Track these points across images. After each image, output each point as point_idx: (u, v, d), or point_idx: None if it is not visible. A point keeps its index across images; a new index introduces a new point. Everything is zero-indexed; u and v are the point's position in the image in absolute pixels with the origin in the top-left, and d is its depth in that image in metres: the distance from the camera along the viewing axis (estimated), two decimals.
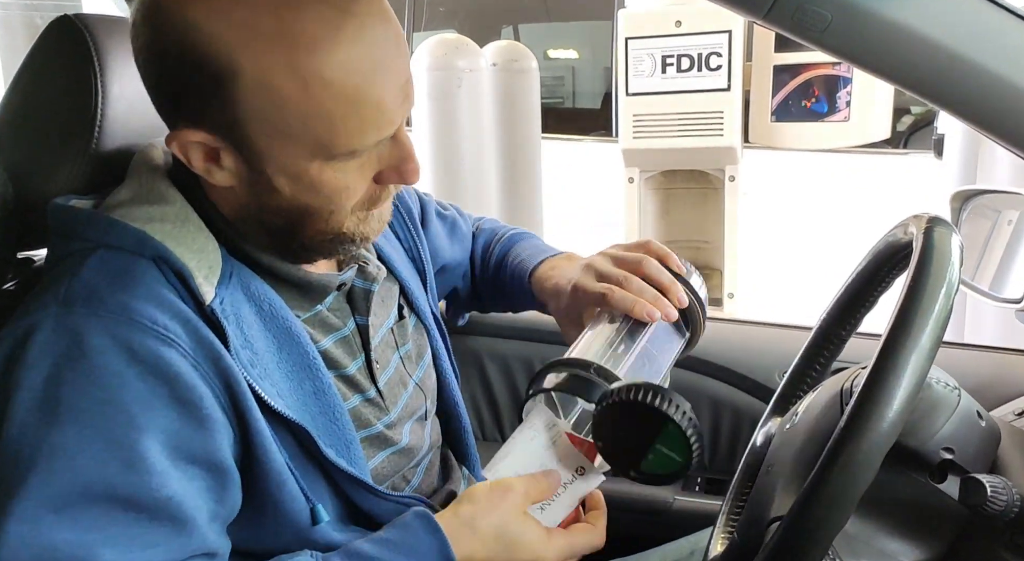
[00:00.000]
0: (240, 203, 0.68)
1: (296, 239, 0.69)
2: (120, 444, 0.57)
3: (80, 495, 0.56)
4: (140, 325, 0.59)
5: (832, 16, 0.79)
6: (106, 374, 0.58)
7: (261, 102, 0.60)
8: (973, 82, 0.79)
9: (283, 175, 0.64)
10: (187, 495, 0.60)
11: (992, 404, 1.05)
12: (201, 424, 0.61)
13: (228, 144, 0.63)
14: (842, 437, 0.53)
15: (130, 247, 0.63)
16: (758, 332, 1.34)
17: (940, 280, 0.56)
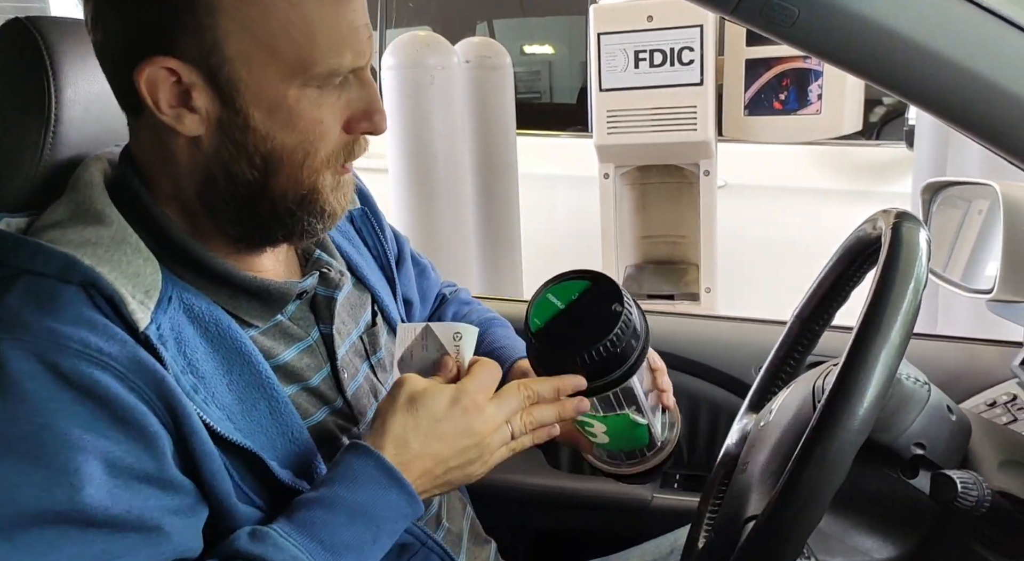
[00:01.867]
0: (203, 174, 0.65)
1: (266, 199, 0.65)
2: (64, 469, 0.54)
3: (31, 522, 0.53)
4: (70, 349, 0.56)
5: (799, 11, 0.79)
6: (39, 399, 0.54)
7: (244, 10, 0.59)
8: (939, 75, 0.79)
9: (259, 107, 0.62)
10: (145, 509, 0.57)
11: (963, 395, 1.06)
12: (148, 444, 0.58)
13: (202, 75, 0.61)
14: (814, 435, 0.53)
15: (56, 273, 0.59)
16: (733, 328, 1.34)
17: (908, 276, 0.57)
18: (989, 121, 0.81)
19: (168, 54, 0.60)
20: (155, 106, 0.61)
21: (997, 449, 0.66)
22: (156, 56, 0.60)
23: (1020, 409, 0.95)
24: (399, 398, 0.67)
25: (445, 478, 0.68)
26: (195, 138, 0.63)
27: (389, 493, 0.64)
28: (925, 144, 2.15)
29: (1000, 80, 0.78)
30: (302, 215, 0.67)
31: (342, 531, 0.62)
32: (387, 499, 0.64)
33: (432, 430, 0.66)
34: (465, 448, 0.67)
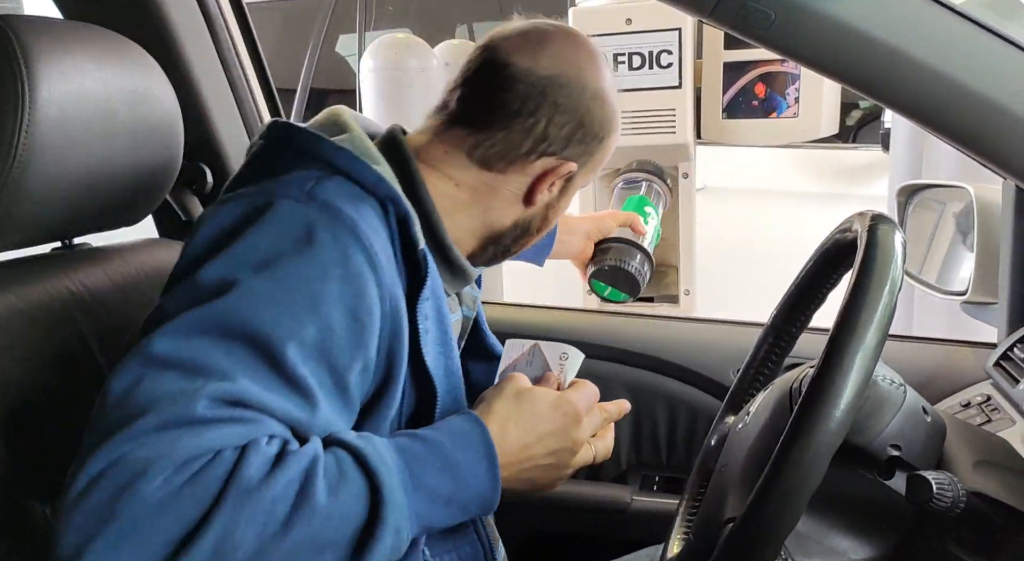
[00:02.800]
0: (501, 217, 0.83)
1: (522, 244, 0.87)
2: (296, 317, 0.61)
3: (242, 337, 0.59)
4: (361, 243, 0.65)
5: (775, 14, 0.79)
6: (320, 265, 0.63)
7: (608, 145, 0.85)
8: (913, 78, 0.80)
9: (567, 201, 0.88)
10: (315, 389, 0.62)
11: (938, 396, 1.07)
12: (360, 349, 0.65)
13: (571, 175, 0.83)
14: (791, 437, 0.53)
15: (369, 184, 0.70)
16: (712, 330, 1.35)
17: (884, 278, 0.57)
18: (961, 124, 0.82)
19: (575, 160, 0.82)
20: (540, 182, 0.81)
21: (971, 450, 0.67)
22: (568, 162, 0.81)
23: (994, 410, 0.96)
24: (507, 390, 0.73)
25: (527, 476, 0.72)
26: (530, 203, 0.82)
27: (480, 465, 0.67)
28: (900, 147, 2.17)
29: (972, 83, 0.79)
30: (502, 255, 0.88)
31: (429, 473, 0.65)
32: (477, 470, 0.67)
33: (531, 425, 0.71)
34: (556, 451, 0.72)
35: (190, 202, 1.12)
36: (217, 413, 0.56)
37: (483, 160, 0.79)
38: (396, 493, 0.61)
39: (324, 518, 0.57)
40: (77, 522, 0.52)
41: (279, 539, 0.55)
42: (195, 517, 0.53)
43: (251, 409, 0.58)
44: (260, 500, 0.55)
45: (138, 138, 0.85)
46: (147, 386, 0.57)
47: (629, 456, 1.30)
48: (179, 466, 0.54)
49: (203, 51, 1.16)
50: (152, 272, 0.92)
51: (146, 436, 0.54)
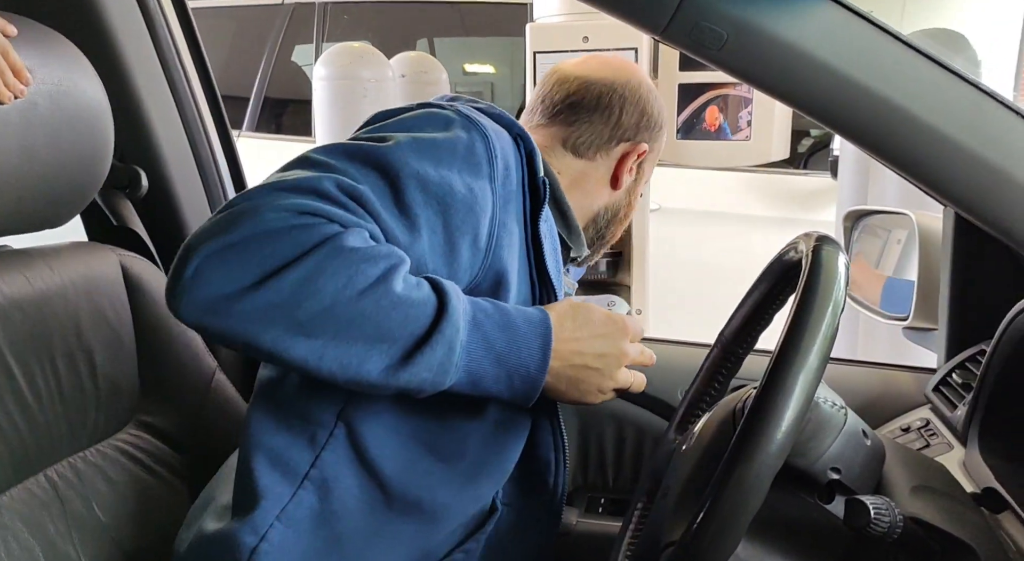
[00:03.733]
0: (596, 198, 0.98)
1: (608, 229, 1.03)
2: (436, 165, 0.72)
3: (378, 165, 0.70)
4: (488, 144, 0.76)
5: (728, 35, 0.79)
6: (449, 143, 0.74)
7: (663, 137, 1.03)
8: (860, 104, 0.81)
9: (640, 185, 1.03)
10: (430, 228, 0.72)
11: (879, 420, 1.08)
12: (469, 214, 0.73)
13: (639, 166, 1.00)
14: (732, 459, 0.53)
15: (505, 124, 0.82)
16: (661, 350, 1.33)
17: (827, 300, 0.57)
18: (905, 150, 0.83)
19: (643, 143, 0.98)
20: (622, 164, 0.97)
21: (909, 474, 0.67)
22: (645, 144, 0.98)
23: (932, 435, 0.97)
24: (566, 301, 0.80)
25: (573, 374, 0.76)
26: (616, 187, 0.98)
27: (536, 340, 0.73)
28: (848, 174, 2.21)
29: (917, 111, 0.80)
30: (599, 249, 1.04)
31: (490, 324, 0.71)
32: (531, 341, 0.72)
33: (585, 325, 0.76)
34: (604, 355, 0.77)
35: (122, 206, 1.07)
36: (338, 195, 0.66)
37: (575, 149, 0.95)
38: (457, 315, 0.67)
39: (392, 305, 0.64)
40: (204, 228, 0.63)
41: (351, 304, 0.63)
42: (292, 254, 0.62)
43: (365, 209, 0.67)
44: (349, 261, 0.63)
45: (60, 133, 0.81)
46: (293, 172, 0.68)
47: (575, 478, 1.29)
48: (298, 214, 0.63)
49: (141, 51, 1.13)
50: (78, 278, 0.87)
51: (278, 192, 0.65)
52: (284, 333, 0.62)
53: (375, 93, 2.04)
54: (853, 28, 0.80)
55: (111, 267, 0.93)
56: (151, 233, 1.10)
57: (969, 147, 0.81)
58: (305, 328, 0.62)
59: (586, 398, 0.78)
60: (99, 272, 0.91)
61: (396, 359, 0.65)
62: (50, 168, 0.81)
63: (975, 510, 0.68)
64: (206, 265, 0.61)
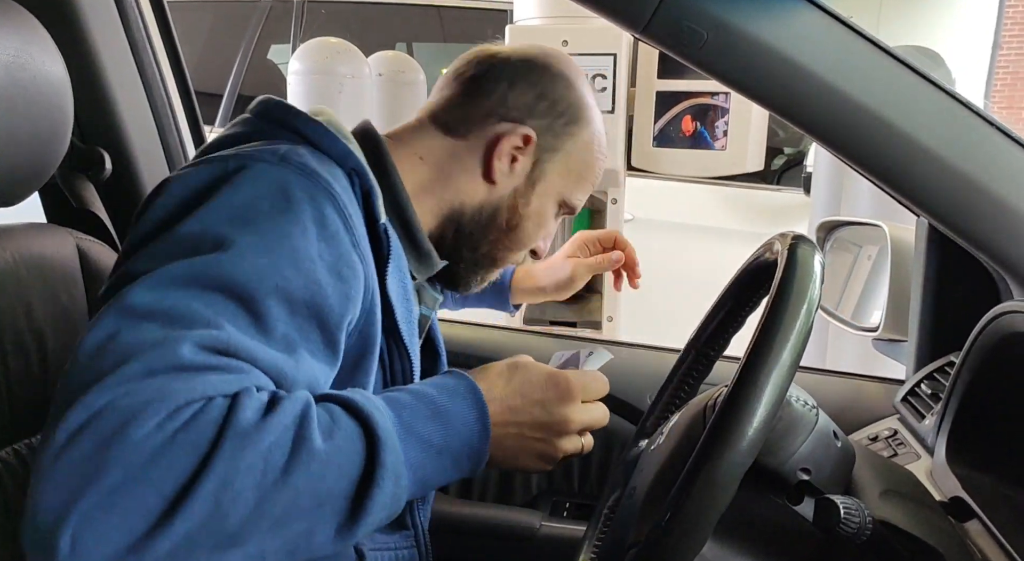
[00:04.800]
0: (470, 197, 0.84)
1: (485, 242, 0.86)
2: (280, 271, 0.60)
3: (226, 288, 0.57)
4: (336, 203, 0.66)
5: (708, 34, 0.79)
6: (299, 220, 0.63)
7: (579, 145, 0.86)
8: (837, 109, 0.81)
9: (540, 198, 0.86)
10: (302, 345, 0.61)
11: (847, 429, 1.07)
12: (344, 305, 0.64)
13: (535, 158, 0.84)
14: (702, 456, 0.51)
15: (336, 155, 0.72)
16: (630, 354, 1.33)
17: (802, 298, 0.56)
18: (881, 159, 0.83)
19: (535, 132, 0.83)
20: (495, 148, 0.82)
21: (879, 479, 0.66)
22: (529, 129, 0.82)
23: (900, 444, 0.97)
24: (505, 361, 0.72)
25: (512, 444, 0.68)
26: (490, 180, 0.83)
27: (470, 413, 0.65)
28: (821, 190, 2.24)
29: (894, 119, 0.80)
30: (482, 273, 0.90)
31: (419, 420, 0.63)
32: (467, 418, 0.65)
33: (521, 387, 0.69)
34: (544, 425, 0.69)
35: (84, 188, 1.04)
36: (205, 359, 0.53)
37: (446, 125, 0.84)
38: (389, 435, 0.59)
39: (323, 463, 0.54)
40: (59, 479, 0.47)
41: (279, 489, 0.52)
42: (191, 467, 0.49)
43: (238, 358, 0.55)
44: (257, 445, 0.51)
45: (15, 107, 0.78)
46: (126, 337, 0.53)
47: (540, 481, 1.27)
48: (171, 412, 0.50)
49: (110, 33, 1.10)
50: (32, 259, 0.84)
51: (132, 382, 0.50)
52: (212, 553, 0.50)
53: (351, 89, 2.02)
54: (833, 33, 0.80)
55: (67, 250, 0.90)
56: (113, 218, 1.07)
57: (944, 157, 0.81)
58: (236, 538, 0.51)
59: (530, 468, 0.71)
60: (54, 254, 0.87)
61: (345, 516, 0.56)
62: (2, 143, 0.78)
63: (943, 517, 0.68)
64: (86, 528, 0.46)
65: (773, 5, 0.80)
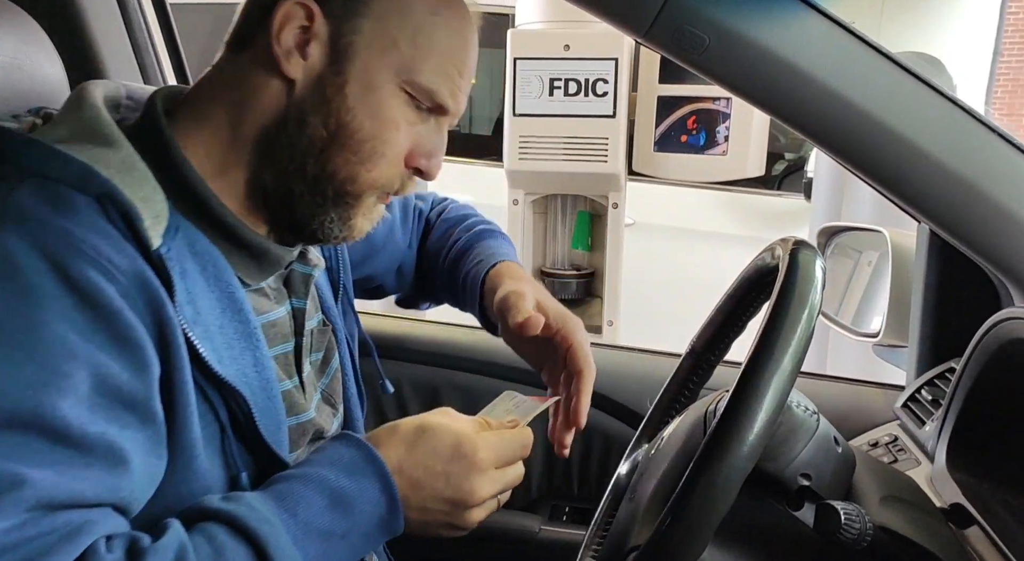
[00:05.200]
0: (279, 116, 0.66)
1: (318, 164, 0.66)
2: (54, 372, 0.51)
3: (4, 421, 0.49)
4: (82, 253, 0.53)
5: (710, 39, 0.79)
6: (42, 297, 0.52)
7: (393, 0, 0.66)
8: (839, 115, 0.81)
9: (359, 82, 0.65)
10: (121, 437, 0.53)
11: (848, 435, 1.07)
12: (141, 368, 0.55)
13: (330, 33, 0.65)
14: (703, 460, 0.51)
15: (72, 181, 0.56)
16: (630, 358, 1.33)
17: (803, 303, 0.56)
18: (882, 164, 0.83)
19: (317, 1, 0.64)
20: (276, 37, 0.64)
21: (879, 485, 0.66)
22: (316, 6, 0.64)
23: (900, 450, 0.97)
24: (414, 422, 0.65)
25: (415, 516, 0.64)
26: (289, 82, 0.65)
27: (373, 488, 0.61)
28: (822, 196, 2.24)
29: (895, 125, 0.80)
30: (330, 210, 0.68)
31: (317, 512, 0.58)
32: (370, 495, 0.61)
33: (424, 461, 0.63)
34: (446, 499, 0.64)
35: None
36: (22, 535, 0.47)
37: (238, 40, 0.68)
38: (285, 549, 0.55)
39: None
40: None
41: None
42: None
43: (62, 510, 0.49)
44: None
45: (11, 108, 0.79)
46: None
47: (540, 485, 1.27)
48: None
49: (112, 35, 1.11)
50: None
51: None
52: None
53: None
54: (835, 38, 0.80)
55: None
56: None
57: (945, 163, 0.81)
58: None
59: (441, 536, 0.66)
60: None
61: None
62: None
63: (943, 523, 0.67)
64: None
65: (775, 10, 0.80)
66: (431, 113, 0.69)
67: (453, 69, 0.68)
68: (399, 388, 1.25)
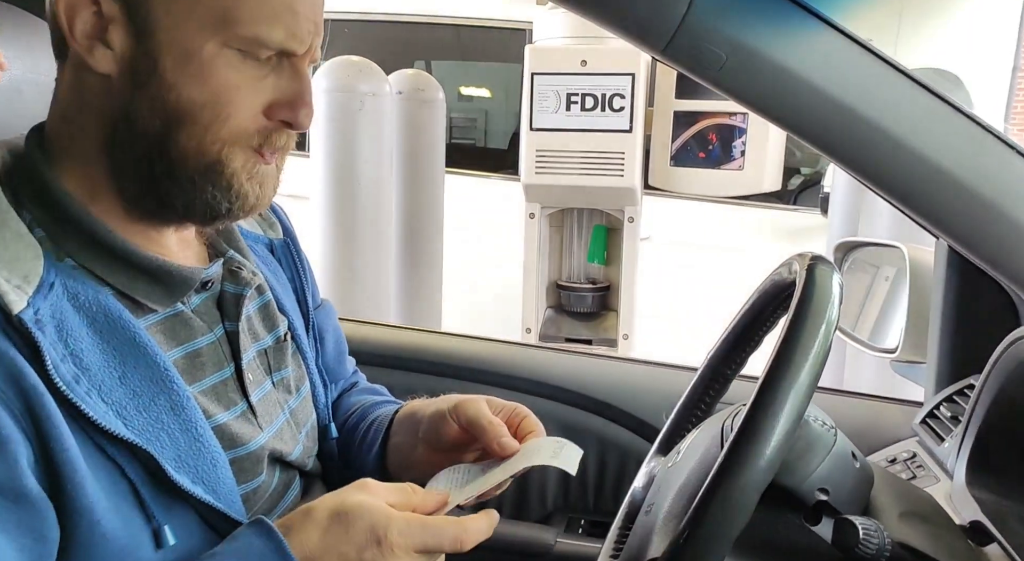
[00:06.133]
0: (108, 120, 0.62)
1: (165, 156, 0.61)
2: None
3: None
4: None
5: (727, 56, 0.80)
6: None
7: None
8: (856, 132, 0.81)
9: (170, 53, 0.60)
10: None
11: (866, 451, 1.07)
12: (0, 450, 0.53)
13: (122, 9, 0.59)
14: (720, 474, 0.52)
15: None
16: (646, 371, 1.34)
17: (820, 318, 0.56)
18: (900, 180, 0.84)
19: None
20: (70, 33, 0.59)
21: (898, 501, 0.66)
22: None
23: (919, 467, 0.96)
24: (329, 504, 0.61)
25: None
26: (106, 78, 0.61)
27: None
28: (839, 211, 2.23)
29: (914, 143, 0.80)
30: (205, 186, 0.63)
31: None
32: None
33: (339, 549, 0.59)
34: None
35: None
36: None
37: (55, 51, 0.64)
38: None
39: None
40: None
41: None
42: None
43: None
44: None
45: None
46: None
47: (556, 497, 1.27)
48: None
49: None
50: None
51: None
52: None
53: (372, 107, 2.05)
54: (852, 56, 0.81)
55: None
56: None
57: (963, 180, 0.81)
58: None
59: None
60: None
61: None
62: None
63: (963, 541, 0.67)
64: None
65: (792, 27, 0.80)
66: (280, 59, 0.63)
67: (279, 6, 0.61)
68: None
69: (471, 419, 0.75)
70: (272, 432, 0.73)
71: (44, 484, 0.55)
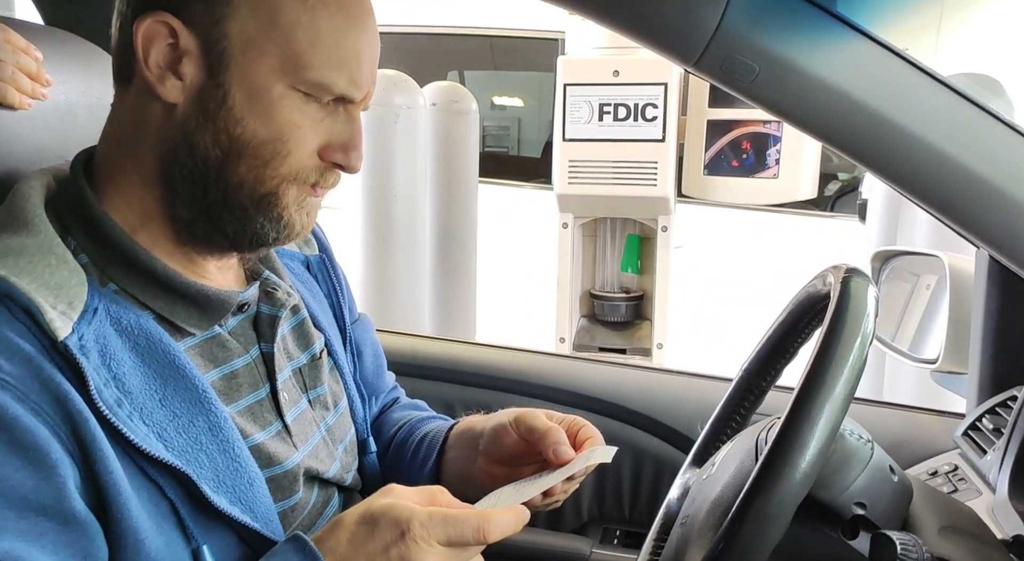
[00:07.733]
0: (168, 144, 0.64)
1: (220, 182, 0.64)
2: None
3: None
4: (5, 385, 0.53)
5: (760, 68, 0.80)
6: None
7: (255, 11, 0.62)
8: (893, 142, 0.81)
9: (241, 89, 0.63)
10: (33, 551, 0.52)
11: (906, 463, 1.06)
12: (49, 473, 0.54)
13: (199, 44, 0.62)
14: (754, 488, 0.52)
15: None
16: (681, 382, 1.33)
17: (855, 331, 0.56)
18: (939, 190, 0.83)
19: (175, 14, 0.62)
20: (144, 61, 0.62)
21: (938, 515, 0.65)
22: (162, 12, 0.62)
23: (960, 480, 0.95)
24: (357, 512, 0.61)
25: None
26: (171, 107, 0.64)
27: None
28: (877, 218, 2.20)
29: (953, 152, 0.80)
30: (256, 216, 0.66)
31: None
32: None
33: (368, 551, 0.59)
34: None
35: None
36: None
37: (117, 76, 0.66)
38: None
39: None
40: None
41: None
42: None
43: None
44: None
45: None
46: None
47: (591, 508, 1.27)
48: None
49: None
50: None
51: None
52: None
53: (406, 119, 2.08)
54: (888, 65, 0.80)
55: None
56: None
57: (1003, 190, 0.80)
58: None
59: None
60: None
61: None
62: None
63: (1005, 555, 0.66)
64: None
65: (826, 38, 0.80)
66: (337, 104, 0.66)
67: (346, 55, 0.64)
68: None
69: (531, 427, 0.76)
70: (307, 450, 0.75)
71: (91, 506, 0.57)
